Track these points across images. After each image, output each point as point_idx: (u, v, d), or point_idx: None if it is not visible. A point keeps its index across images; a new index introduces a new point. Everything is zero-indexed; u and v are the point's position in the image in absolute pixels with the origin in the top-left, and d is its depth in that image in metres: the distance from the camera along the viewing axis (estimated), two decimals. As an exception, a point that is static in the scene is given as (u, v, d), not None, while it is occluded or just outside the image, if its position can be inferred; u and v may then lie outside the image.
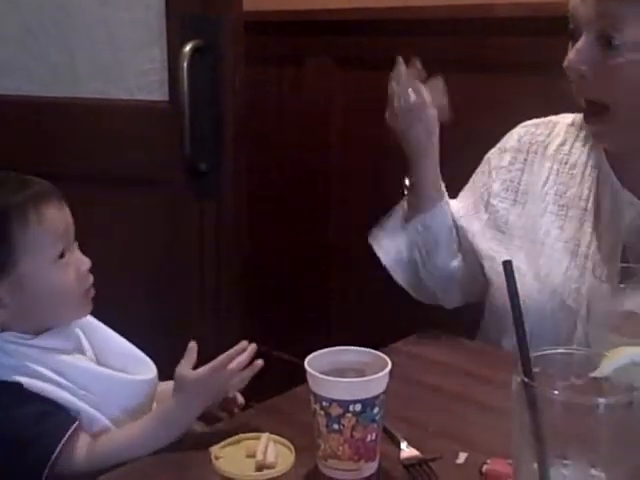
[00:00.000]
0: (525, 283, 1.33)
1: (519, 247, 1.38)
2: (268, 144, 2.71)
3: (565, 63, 1.23)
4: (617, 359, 0.69)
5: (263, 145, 2.62)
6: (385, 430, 1.04)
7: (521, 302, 0.70)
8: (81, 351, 1.18)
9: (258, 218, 2.57)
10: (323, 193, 2.68)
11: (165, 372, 1.23)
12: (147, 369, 1.23)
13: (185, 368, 1.13)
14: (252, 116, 2.27)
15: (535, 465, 0.63)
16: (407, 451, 1.03)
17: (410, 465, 1.00)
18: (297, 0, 2.65)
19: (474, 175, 1.54)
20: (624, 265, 1.01)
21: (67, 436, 1.05)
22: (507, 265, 0.66)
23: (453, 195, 1.57)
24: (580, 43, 1.20)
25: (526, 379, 0.65)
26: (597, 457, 0.64)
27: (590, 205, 1.33)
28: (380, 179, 2.46)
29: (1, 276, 1.10)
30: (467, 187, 1.55)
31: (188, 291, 2.02)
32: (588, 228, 1.32)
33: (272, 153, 2.74)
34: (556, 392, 0.64)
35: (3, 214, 1.10)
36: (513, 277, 0.67)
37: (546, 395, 0.63)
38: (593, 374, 0.69)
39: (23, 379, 1.07)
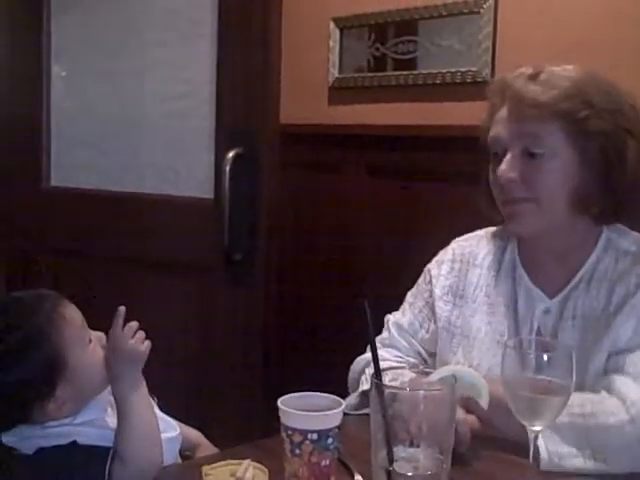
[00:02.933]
0: None
1: (458, 343, 1.60)
2: (304, 238, 3.00)
3: (498, 173, 1.48)
4: (441, 371, 0.95)
5: (299, 238, 2.92)
6: (343, 464, 1.29)
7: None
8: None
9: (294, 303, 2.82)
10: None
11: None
12: (171, 428, 1.46)
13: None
14: (290, 214, 2.57)
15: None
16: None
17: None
18: (335, 115, 2.98)
19: (416, 287, 1.77)
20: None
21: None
22: (362, 304, 0.94)
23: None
24: (508, 157, 1.47)
25: (377, 380, 0.92)
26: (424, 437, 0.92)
27: (510, 302, 1.57)
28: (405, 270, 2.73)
29: (59, 379, 1.30)
30: (412, 298, 1.76)
31: (218, 364, 2.30)
32: (509, 321, 1.56)
33: (307, 244, 3.03)
34: (395, 389, 0.91)
35: (41, 331, 1.30)
36: (367, 313, 0.94)
37: (389, 390, 0.90)
38: (424, 380, 0.96)
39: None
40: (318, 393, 1.28)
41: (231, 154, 2.26)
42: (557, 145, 1.44)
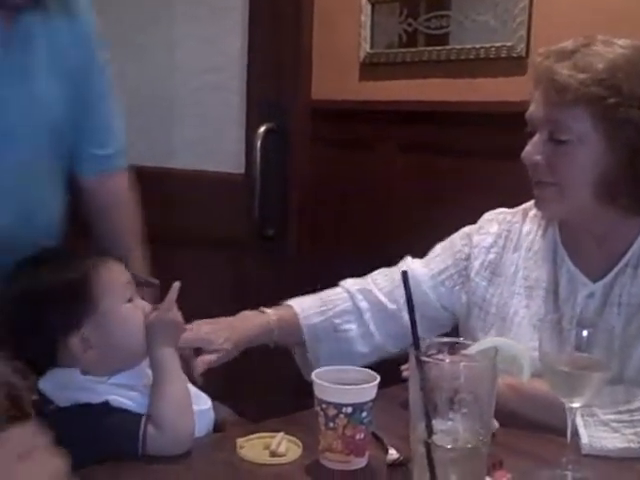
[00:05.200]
0: None
1: (491, 323, 1.57)
2: (335, 214, 3.00)
3: (522, 154, 1.46)
4: (482, 343, 0.94)
5: (330, 215, 2.91)
6: (377, 438, 1.29)
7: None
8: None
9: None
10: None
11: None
12: (203, 402, 1.44)
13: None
14: (322, 190, 2.55)
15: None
16: (393, 455, 1.27)
17: (392, 465, 1.24)
18: (366, 91, 2.96)
19: (450, 242, 1.72)
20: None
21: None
22: (404, 275, 0.93)
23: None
24: (535, 139, 1.44)
25: (416, 352, 0.92)
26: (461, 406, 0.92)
27: (550, 285, 1.53)
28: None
29: (87, 317, 1.34)
30: (440, 250, 1.72)
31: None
32: (549, 305, 1.52)
33: (338, 220, 3.02)
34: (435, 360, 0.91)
35: (82, 269, 1.36)
36: (408, 284, 0.93)
37: (427, 360, 0.91)
38: (464, 352, 0.95)
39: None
40: (353, 367, 1.28)
41: (262, 129, 2.25)
42: (584, 132, 1.39)
